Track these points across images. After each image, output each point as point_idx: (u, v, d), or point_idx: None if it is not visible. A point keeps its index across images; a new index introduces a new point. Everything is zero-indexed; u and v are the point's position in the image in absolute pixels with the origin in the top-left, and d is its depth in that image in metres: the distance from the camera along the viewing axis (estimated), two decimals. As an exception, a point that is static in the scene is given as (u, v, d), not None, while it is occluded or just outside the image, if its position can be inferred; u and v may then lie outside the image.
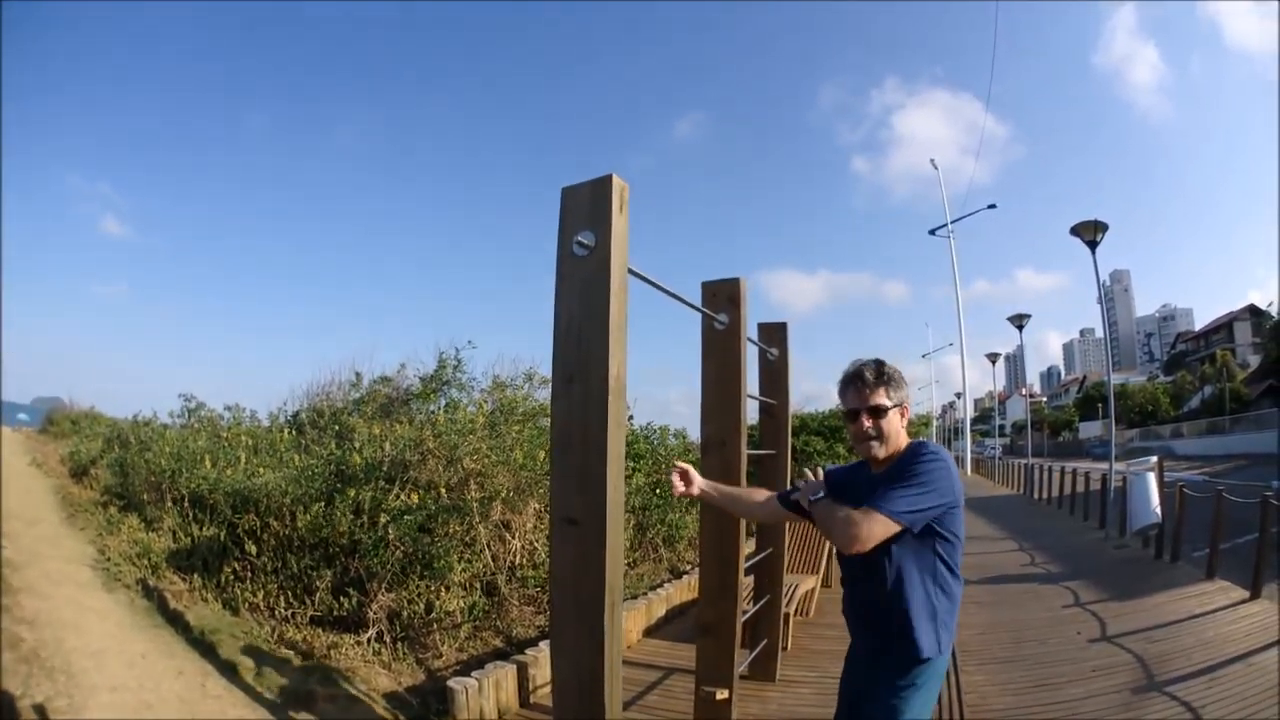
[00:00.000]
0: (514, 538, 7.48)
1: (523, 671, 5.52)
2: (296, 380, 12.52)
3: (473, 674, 5.25)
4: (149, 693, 5.22)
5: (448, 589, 6.66)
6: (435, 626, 6.49)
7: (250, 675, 5.68)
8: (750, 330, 4.79)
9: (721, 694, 4.50)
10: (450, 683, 5.13)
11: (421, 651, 6.35)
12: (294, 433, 10.30)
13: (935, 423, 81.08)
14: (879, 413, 2.73)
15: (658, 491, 10.50)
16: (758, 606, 5.80)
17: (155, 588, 7.24)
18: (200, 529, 8.25)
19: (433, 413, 9.61)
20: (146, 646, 6.02)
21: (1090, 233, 14.41)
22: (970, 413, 61.64)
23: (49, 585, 6.89)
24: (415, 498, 7.16)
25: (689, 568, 10.13)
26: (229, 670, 5.74)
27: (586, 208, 2.87)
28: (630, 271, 2.95)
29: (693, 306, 4.17)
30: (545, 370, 9.70)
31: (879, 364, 2.81)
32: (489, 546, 7.26)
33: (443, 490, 7.33)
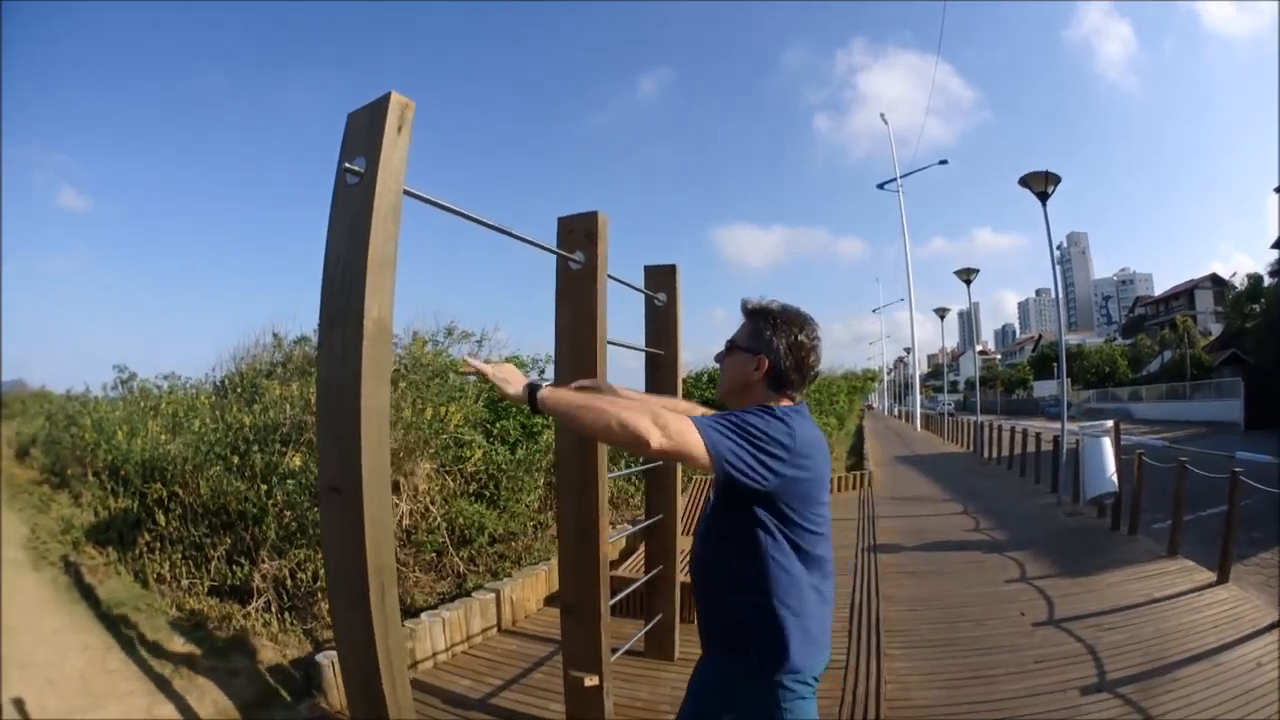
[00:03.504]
0: (403, 500, 7.01)
1: (407, 646, 5.07)
2: (225, 344, 11.96)
3: (340, 645, 4.77)
4: (53, 669, 5.12)
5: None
6: (321, 595, 6.07)
7: (146, 649, 5.48)
8: (615, 270, 4.15)
9: (591, 680, 3.93)
10: (319, 657, 4.79)
11: (311, 622, 5.98)
12: (217, 397, 9.82)
13: (887, 377, 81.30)
14: (727, 349, 2.33)
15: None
16: (649, 576, 5.30)
17: (74, 563, 7.03)
18: (116, 501, 7.93)
19: None
20: (60, 623, 5.90)
21: (1040, 184, 13.67)
22: (923, 369, 61.21)
23: None
24: (299, 460, 6.63)
25: (611, 529, 9.69)
26: (129, 644, 5.55)
27: (364, 131, 2.40)
28: (411, 194, 2.49)
29: (530, 243, 3.49)
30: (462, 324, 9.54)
31: (759, 303, 2.31)
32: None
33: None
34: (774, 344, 2.20)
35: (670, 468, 5.22)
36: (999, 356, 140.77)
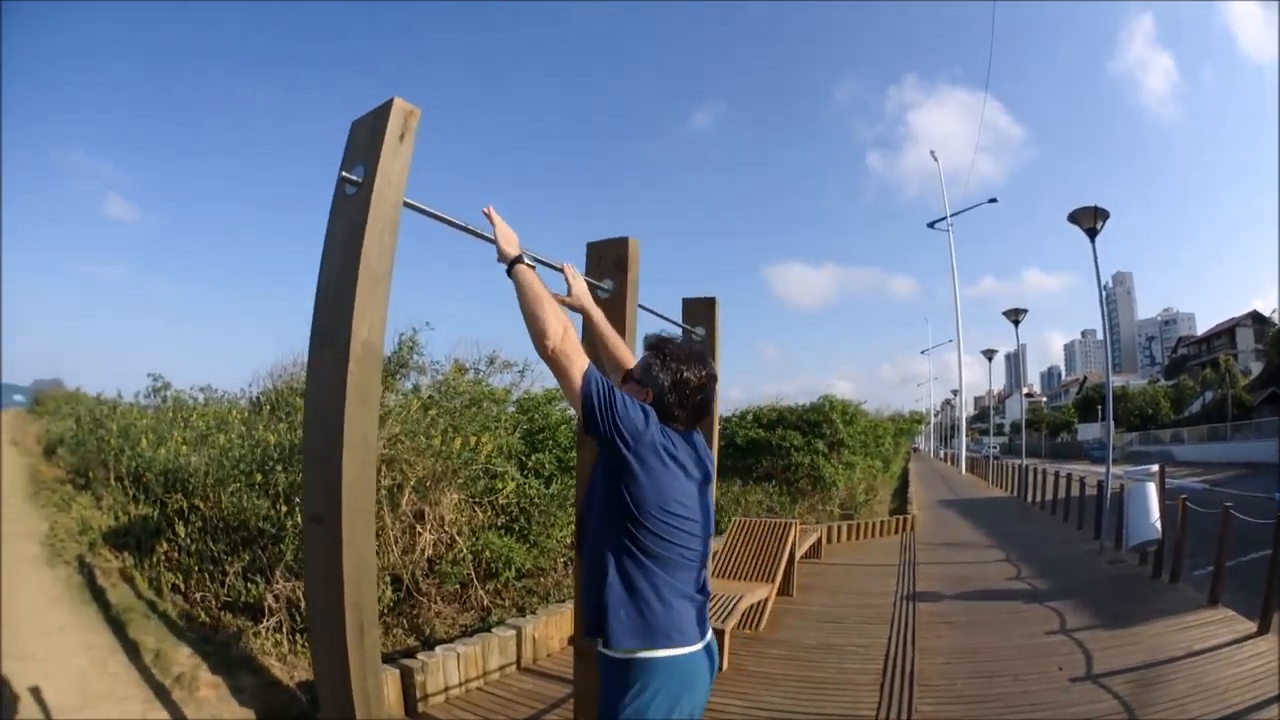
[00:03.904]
0: (426, 529, 6.86)
1: (407, 676, 4.86)
2: (264, 361, 12.02)
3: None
4: (52, 664, 5.16)
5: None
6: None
7: (150, 657, 5.41)
8: (659, 304, 3.97)
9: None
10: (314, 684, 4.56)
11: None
12: (250, 414, 9.77)
13: (934, 419, 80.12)
14: (623, 379, 2.52)
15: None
16: None
17: (89, 564, 7.08)
18: (136, 507, 8.03)
19: (406, 394, 9.05)
20: (67, 621, 5.96)
21: (1089, 220, 13.31)
22: (970, 410, 60.16)
23: None
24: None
25: None
26: (133, 650, 5.50)
27: (366, 139, 2.26)
28: (412, 206, 2.34)
29: (547, 265, 3.21)
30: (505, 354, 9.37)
31: (658, 338, 2.55)
32: (398, 539, 6.67)
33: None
34: (660, 379, 2.37)
35: None
36: (1044, 399, 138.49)
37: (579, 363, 2.18)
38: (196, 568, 6.65)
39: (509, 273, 2.32)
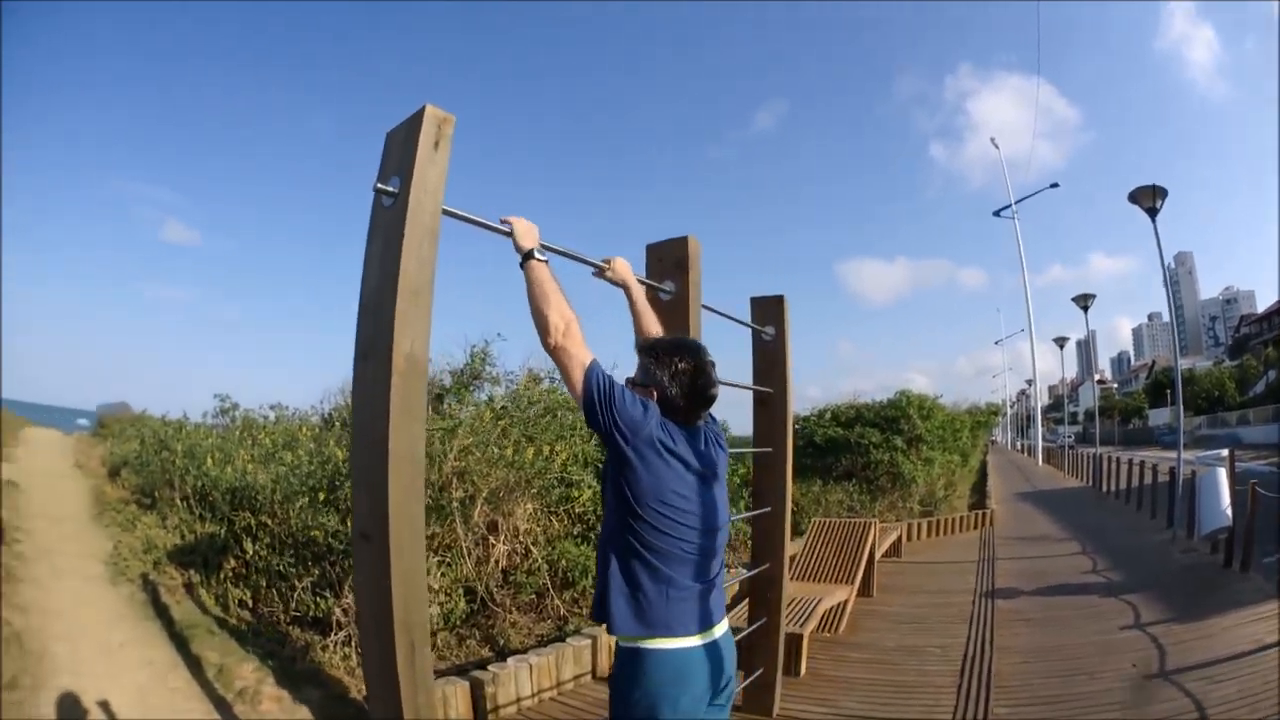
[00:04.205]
0: (500, 541, 6.83)
1: (477, 688, 4.81)
2: (335, 378, 12.11)
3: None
4: (110, 680, 5.20)
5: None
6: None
7: (213, 671, 5.48)
8: (726, 304, 3.87)
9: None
10: None
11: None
12: (321, 430, 9.86)
13: (1010, 410, 78.54)
14: (627, 385, 2.43)
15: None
16: (751, 629, 4.78)
17: (153, 581, 7.18)
18: (203, 525, 8.16)
19: (479, 405, 9.04)
20: (128, 637, 6.01)
21: (1148, 199, 12.94)
22: (1044, 400, 58.90)
23: (53, 578, 7.02)
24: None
25: (724, 572, 9.35)
26: (195, 664, 5.59)
27: (399, 149, 2.22)
28: (451, 214, 2.30)
29: (584, 261, 3.04)
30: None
31: (647, 340, 2.69)
32: (470, 550, 6.64)
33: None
34: (658, 376, 2.40)
35: (779, 516, 4.82)
36: (1115, 385, 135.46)
37: (580, 359, 2.23)
38: (264, 583, 6.72)
39: (521, 265, 2.36)
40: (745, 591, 5.61)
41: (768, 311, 4.85)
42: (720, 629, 2.42)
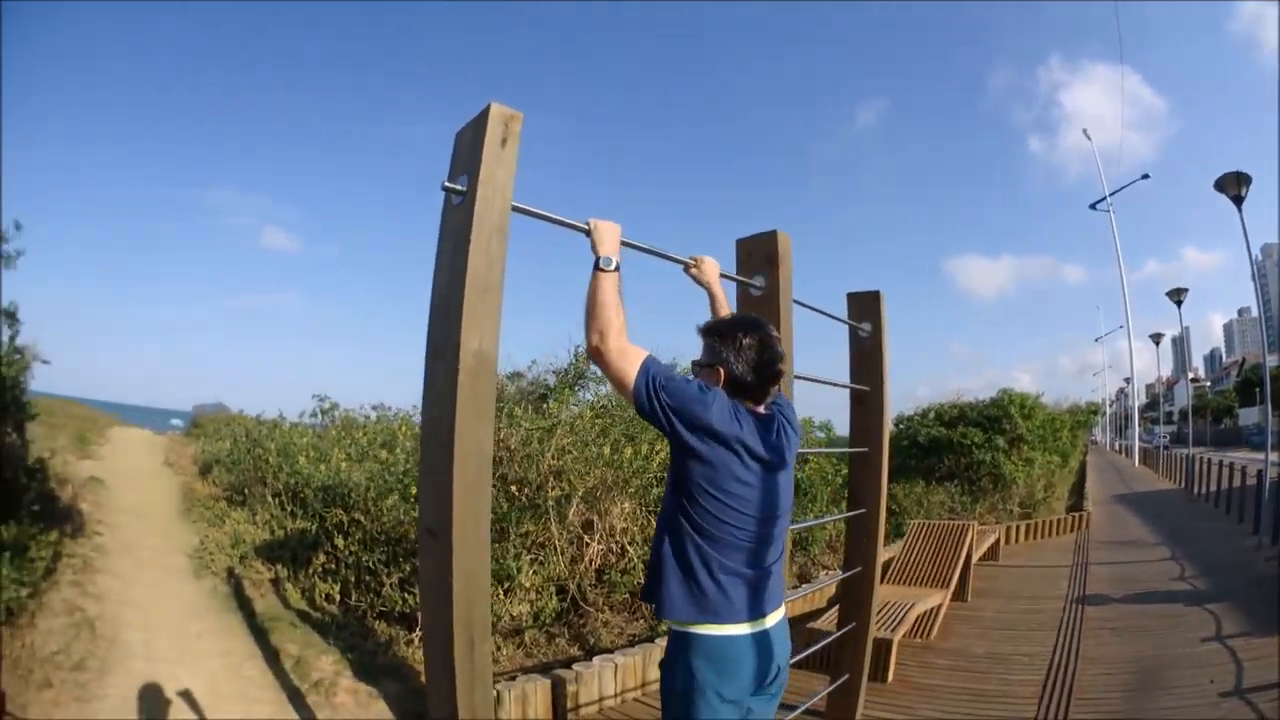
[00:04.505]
0: (595, 540, 6.84)
1: (559, 686, 4.81)
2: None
3: (496, 685, 4.54)
4: (182, 666, 5.38)
5: (507, 592, 6.15)
6: (491, 630, 5.96)
7: (290, 663, 5.63)
8: (797, 294, 3.74)
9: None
10: None
11: (478, 655, 5.86)
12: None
13: (1109, 409, 76.24)
14: (693, 370, 2.51)
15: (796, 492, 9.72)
16: (839, 634, 4.67)
17: (237, 575, 7.37)
18: (294, 521, 8.33)
19: (581, 404, 9.08)
20: (206, 628, 6.20)
21: (1234, 186, 12.51)
22: (1140, 398, 57.05)
23: (134, 569, 7.19)
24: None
25: (821, 573, 9.32)
26: (272, 656, 5.74)
27: (468, 148, 2.21)
28: (521, 210, 2.29)
29: (672, 259, 3.04)
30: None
31: (709, 322, 2.59)
32: (565, 549, 6.68)
33: (513, 488, 6.75)
34: (724, 354, 2.38)
35: (873, 518, 4.65)
36: (1208, 384, 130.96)
37: (629, 355, 2.22)
38: (353, 579, 6.83)
39: (594, 268, 2.33)
40: (838, 595, 5.52)
41: (864, 308, 4.72)
42: (773, 619, 2.39)
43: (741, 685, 2.27)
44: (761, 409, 2.44)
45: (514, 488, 6.72)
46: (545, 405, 8.75)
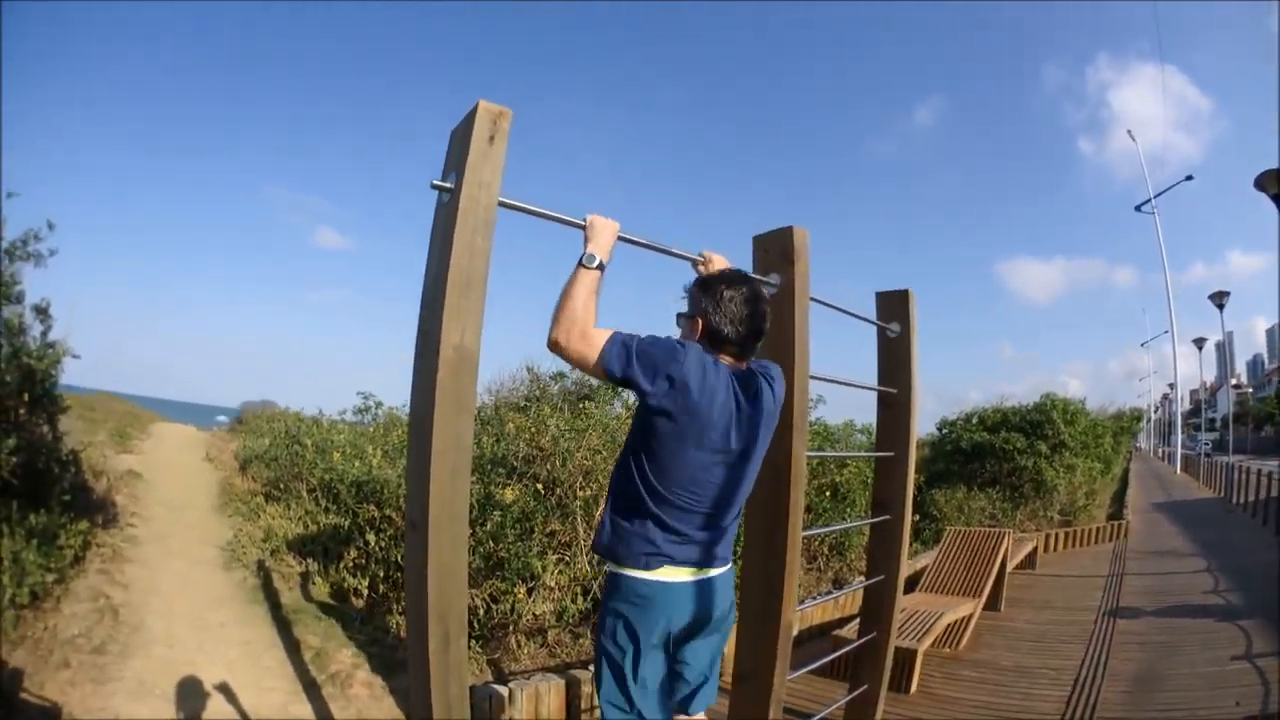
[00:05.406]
0: None
1: (573, 686, 4.74)
2: (482, 376, 12.24)
3: (509, 684, 4.52)
4: (201, 654, 5.50)
5: (529, 591, 6.16)
6: (513, 628, 6.02)
7: (310, 655, 5.72)
8: (825, 294, 3.59)
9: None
10: (477, 689, 4.54)
11: (499, 653, 5.96)
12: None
13: (1154, 415, 74.63)
14: (677, 320, 2.52)
15: (828, 494, 9.72)
16: (859, 643, 4.55)
17: (267, 568, 7.45)
18: (327, 517, 8.39)
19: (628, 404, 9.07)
20: (229, 618, 6.30)
21: (1275, 184, 12.13)
22: (1184, 404, 56.01)
23: (164, 559, 7.30)
24: (510, 494, 6.58)
25: (857, 579, 9.10)
26: (293, 647, 5.83)
27: (458, 146, 2.20)
28: (507, 204, 2.26)
29: (679, 256, 2.92)
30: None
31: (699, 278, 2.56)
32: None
33: (540, 487, 6.80)
34: (703, 305, 2.38)
35: (897, 525, 4.47)
36: (1251, 390, 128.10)
37: (587, 350, 2.19)
38: (382, 574, 6.90)
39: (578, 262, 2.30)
40: (860, 603, 5.43)
41: (893, 307, 4.54)
42: (715, 571, 2.39)
43: (669, 630, 2.30)
44: (742, 365, 2.44)
45: (541, 487, 6.74)
46: (583, 406, 8.76)
